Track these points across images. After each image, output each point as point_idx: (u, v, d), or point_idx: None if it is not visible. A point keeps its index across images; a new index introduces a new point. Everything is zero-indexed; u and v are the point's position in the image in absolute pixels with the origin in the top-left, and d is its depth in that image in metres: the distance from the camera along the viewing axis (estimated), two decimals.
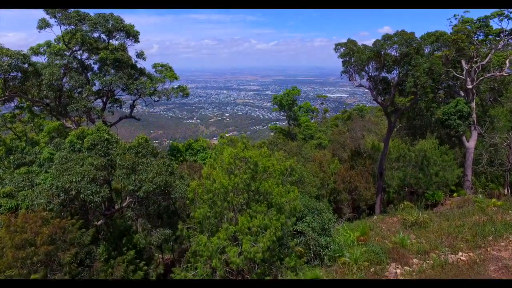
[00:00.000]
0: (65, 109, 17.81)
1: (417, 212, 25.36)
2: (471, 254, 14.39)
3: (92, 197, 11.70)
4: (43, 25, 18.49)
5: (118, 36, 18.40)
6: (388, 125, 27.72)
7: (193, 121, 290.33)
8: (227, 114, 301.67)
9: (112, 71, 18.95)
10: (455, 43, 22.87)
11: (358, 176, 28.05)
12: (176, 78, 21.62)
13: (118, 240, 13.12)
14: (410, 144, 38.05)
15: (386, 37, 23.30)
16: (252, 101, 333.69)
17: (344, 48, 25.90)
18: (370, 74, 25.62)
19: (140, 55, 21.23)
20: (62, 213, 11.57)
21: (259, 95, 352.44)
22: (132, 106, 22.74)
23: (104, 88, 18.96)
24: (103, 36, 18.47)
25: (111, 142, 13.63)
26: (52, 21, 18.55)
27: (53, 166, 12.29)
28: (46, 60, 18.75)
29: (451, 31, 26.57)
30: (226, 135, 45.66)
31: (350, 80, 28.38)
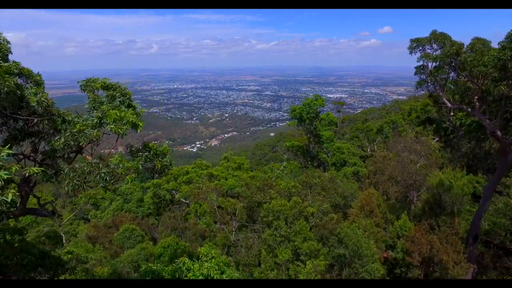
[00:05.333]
0: None
1: None
2: None
3: None
4: None
5: None
6: (501, 166, 16.81)
7: (192, 122, 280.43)
8: (226, 115, 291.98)
9: None
10: None
11: (443, 244, 17.51)
12: (136, 126, 7.51)
13: None
14: (483, 179, 27.59)
15: None
16: (251, 101, 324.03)
17: (436, 47, 15.21)
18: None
19: None
20: None
21: (259, 95, 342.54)
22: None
23: None
24: None
25: None
26: None
27: None
28: None
29: None
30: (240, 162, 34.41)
31: (430, 96, 17.82)
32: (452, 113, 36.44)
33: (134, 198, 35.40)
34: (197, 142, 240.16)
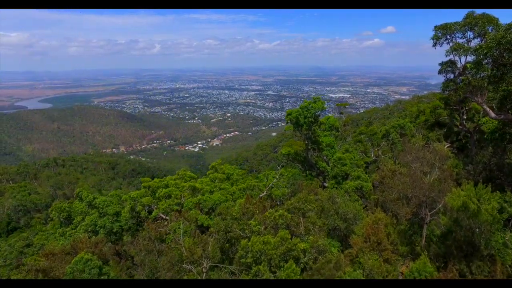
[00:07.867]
0: None
1: None
2: None
3: None
4: None
5: None
6: None
7: (194, 121, 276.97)
8: (228, 114, 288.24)
9: None
10: None
11: None
12: None
13: None
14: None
15: None
16: (253, 101, 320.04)
17: (472, 35, 10.65)
18: None
19: None
20: None
21: (261, 95, 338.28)
22: None
23: None
24: None
25: None
26: None
27: None
28: None
29: None
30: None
31: (462, 102, 13.38)
32: (465, 116, 31.79)
33: (110, 212, 31.07)
34: (199, 142, 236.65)
